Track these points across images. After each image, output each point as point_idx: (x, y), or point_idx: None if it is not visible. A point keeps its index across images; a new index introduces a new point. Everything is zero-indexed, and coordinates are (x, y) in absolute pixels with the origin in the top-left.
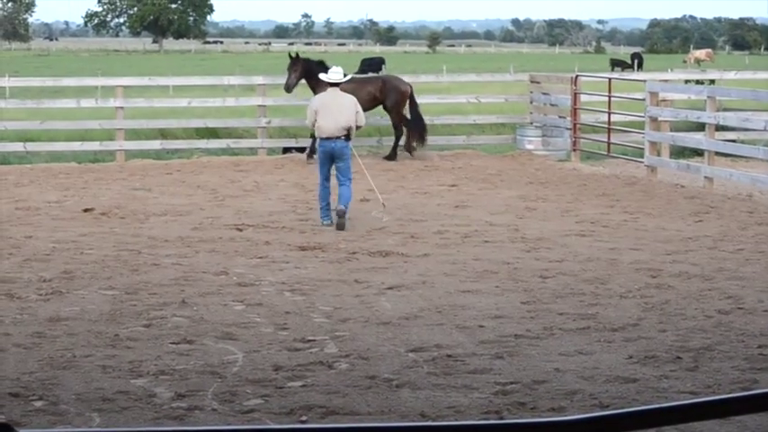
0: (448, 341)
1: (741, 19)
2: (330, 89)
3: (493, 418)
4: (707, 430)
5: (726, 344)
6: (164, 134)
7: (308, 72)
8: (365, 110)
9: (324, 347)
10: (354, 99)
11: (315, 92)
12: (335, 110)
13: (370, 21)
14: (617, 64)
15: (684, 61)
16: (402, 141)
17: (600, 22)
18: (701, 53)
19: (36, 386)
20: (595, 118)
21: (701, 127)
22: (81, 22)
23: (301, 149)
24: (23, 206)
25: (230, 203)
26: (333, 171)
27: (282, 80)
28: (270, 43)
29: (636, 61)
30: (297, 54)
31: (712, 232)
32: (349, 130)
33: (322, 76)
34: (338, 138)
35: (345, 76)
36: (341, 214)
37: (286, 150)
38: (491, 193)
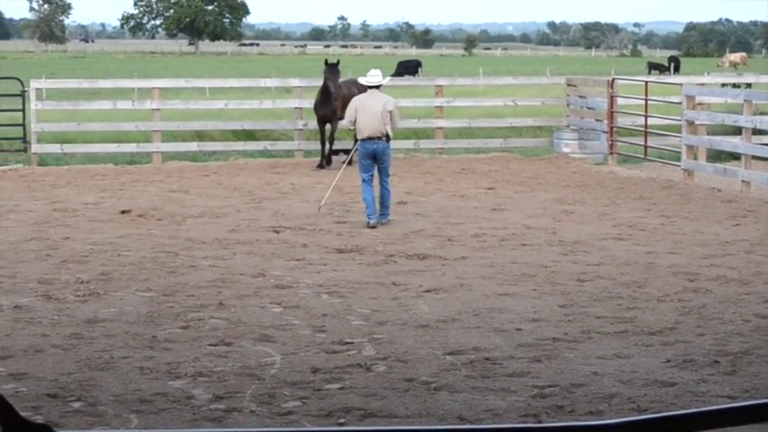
0: (485, 344)
1: None
2: (369, 90)
3: (531, 422)
4: None
5: (764, 348)
6: (200, 136)
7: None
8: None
9: (361, 350)
10: (393, 101)
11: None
12: (374, 111)
13: (407, 23)
14: (654, 67)
15: (719, 65)
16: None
17: (636, 25)
18: (735, 57)
19: (74, 387)
20: (632, 121)
21: (737, 131)
22: (117, 24)
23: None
24: (61, 208)
25: (267, 205)
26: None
27: (319, 83)
28: (306, 45)
29: (672, 64)
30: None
31: (749, 236)
32: (388, 131)
33: (361, 79)
34: (378, 138)
35: (384, 78)
36: (384, 223)
37: (336, 152)
38: (528, 196)
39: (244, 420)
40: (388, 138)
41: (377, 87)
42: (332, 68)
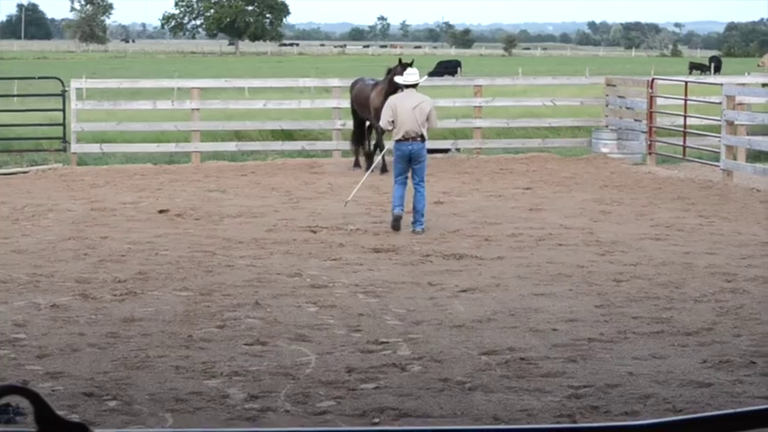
0: (521, 344)
1: None
2: (406, 90)
3: (566, 422)
4: None
5: None
6: (239, 136)
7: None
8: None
9: (397, 350)
10: (430, 101)
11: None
12: (411, 111)
13: (446, 23)
14: (696, 67)
15: (759, 65)
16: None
17: (677, 25)
18: None
19: (110, 386)
20: (671, 121)
21: None
22: (158, 24)
23: (433, 151)
24: (99, 207)
25: (304, 205)
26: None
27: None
28: (345, 46)
29: (713, 64)
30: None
31: None
32: (424, 131)
33: (398, 78)
34: (414, 139)
35: (422, 77)
36: (419, 233)
37: (446, 151)
38: (565, 196)
39: (278, 420)
40: (423, 138)
41: (413, 86)
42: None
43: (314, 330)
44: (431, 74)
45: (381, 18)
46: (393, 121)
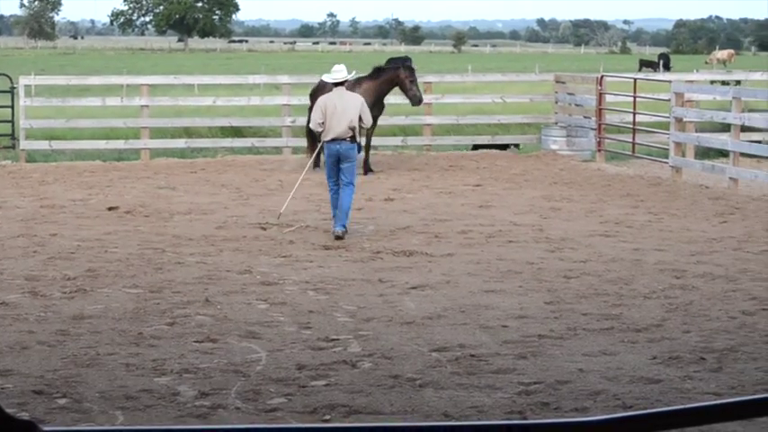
0: (471, 341)
1: (767, 19)
2: (335, 89)
3: (516, 419)
4: None
5: (750, 345)
6: (188, 133)
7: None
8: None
9: (347, 347)
10: (361, 99)
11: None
12: (341, 110)
13: (396, 20)
14: (646, 65)
15: (707, 62)
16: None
17: (626, 22)
18: (723, 54)
19: (60, 384)
20: (620, 118)
21: (726, 128)
22: (107, 20)
23: (493, 146)
24: (48, 204)
25: (254, 202)
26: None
27: (308, 79)
28: (295, 42)
29: (662, 62)
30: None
31: (737, 233)
32: (354, 130)
33: (325, 76)
34: (344, 139)
35: (350, 74)
36: (339, 237)
37: (476, 147)
38: (515, 192)
39: (229, 417)
40: (353, 139)
41: (342, 84)
42: (410, 70)
43: (264, 327)
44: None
45: (331, 15)
46: (323, 123)
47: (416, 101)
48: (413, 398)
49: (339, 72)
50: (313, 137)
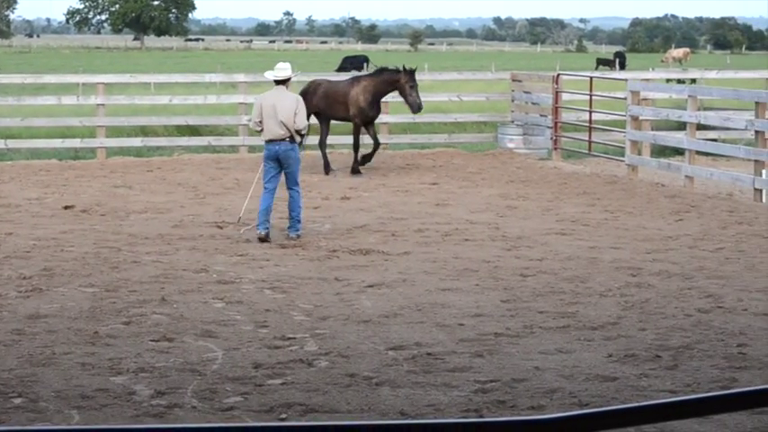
0: (428, 339)
1: (722, 18)
2: (275, 88)
3: (472, 417)
4: (686, 429)
5: (705, 342)
6: (145, 131)
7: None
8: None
9: (304, 345)
10: (298, 99)
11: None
12: (278, 110)
13: (352, 19)
14: (603, 63)
15: (662, 61)
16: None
17: (582, 20)
18: (678, 52)
19: (15, 383)
20: (576, 116)
21: (682, 126)
22: (62, 18)
23: None
24: (3, 203)
25: (211, 201)
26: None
27: (265, 78)
28: (251, 41)
29: (618, 60)
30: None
31: (692, 231)
32: (292, 132)
33: (267, 73)
34: (282, 140)
35: (293, 72)
36: (294, 239)
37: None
38: (472, 191)
39: (185, 416)
40: (292, 139)
41: (283, 83)
42: (410, 74)
43: (221, 326)
44: (337, 69)
45: (287, 13)
46: (260, 122)
47: (416, 108)
48: (369, 396)
49: (282, 70)
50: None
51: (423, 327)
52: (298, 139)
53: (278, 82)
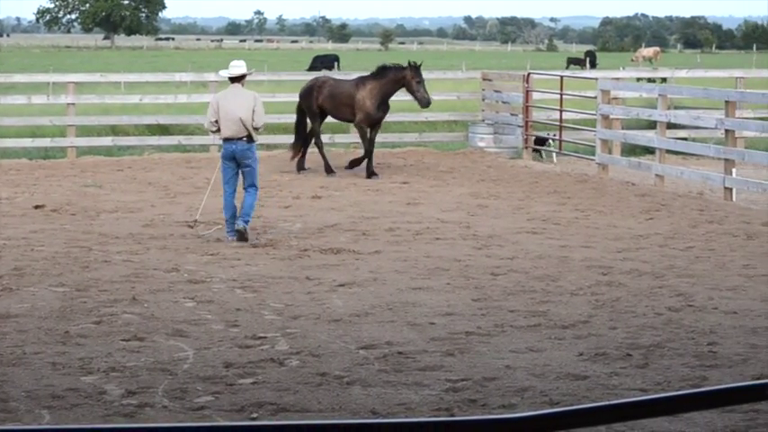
0: (399, 338)
1: (693, 17)
2: (231, 86)
3: (443, 416)
4: (656, 427)
5: (676, 341)
6: (115, 131)
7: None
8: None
9: (275, 344)
10: (256, 96)
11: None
12: (235, 108)
13: (323, 18)
14: (574, 62)
15: (633, 60)
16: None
17: (552, 20)
18: (648, 51)
19: None
20: (547, 115)
21: (652, 125)
22: (32, 18)
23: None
24: None
25: (181, 200)
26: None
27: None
28: (222, 40)
29: (588, 59)
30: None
31: (663, 230)
32: (250, 130)
33: (222, 71)
34: (239, 139)
35: (249, 70)
36: (241, 235)
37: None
38: (443, 190)
39: (156, 416)
40: (250, 138)
41: (239, 81)
42: (416, 71)
43: (191, 326)
44: (308, 69)
45: (258, 12)
46: (216, 121)
47: (425, 102)
48: (340, 395)
49: (236, 67)
50: (301, 137)
51: (394, 326)
52: (256, 137)
53: (233, 80)
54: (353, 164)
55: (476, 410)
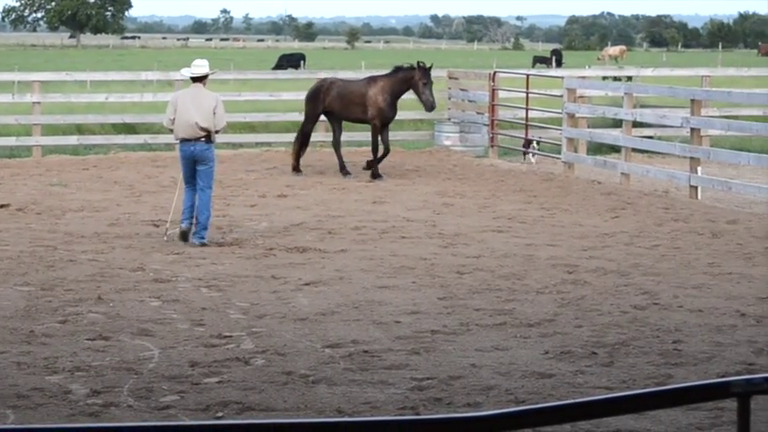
0: (364, 337)
1: (659, 16)
2: (192, 85)
3: (409, 414)
4: (622, 425)
5: (641, 339)
6: (81, 130)
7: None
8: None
9: (240, 343)
10: (217, 97)
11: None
12: (193, 108)
13: (289, 16)
14: (540, 61)
15: (598, 58)
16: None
17: (518, 18)
18: (614, 50)
19: None
20: (513, 114)
21: (618, 123)
22: None
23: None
24: None
25: (147, 199)
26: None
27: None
28: (188, 39)
29: (555, 58)
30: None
31: (628, 228)
32: (209, 131)
33: (183, 70)
34: (198, 140)
35: (211, 69)
36: (184, 235)
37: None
38: (409, 188)
39: (121, 415)
40: (208, 139)
41: (201, 80)
42: (426, 72)
43: (157, 325)
44: (274, 67)
45: (224, 11)
46: (173, 120)
47: (428, 106)
48: (306, 394)
49: (198, 67)
50: (301, 140)
51: (359, 324)
52: (215, 138)
53: (195, 79)
54: (371, 165)
55: (441, 409)
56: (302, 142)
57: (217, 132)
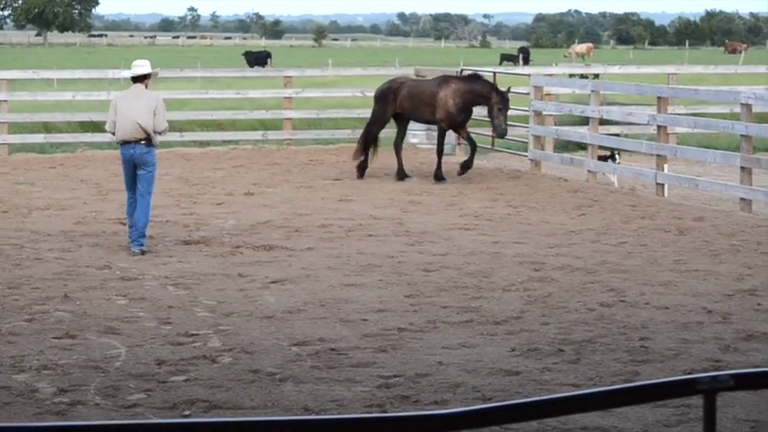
0: (331, 335)
1: (626, 14)
2: (133, 86)
3: (376, 412)
4: (589, 422)
5: (608, 336)
6: (48, 128)
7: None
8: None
9: (207, 342)
10: (158, 98)
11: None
12: (133, 110)
13: (256, 14)
14: (507, 58)
15: (565, 56)
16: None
17: (485, 16)
18: (581, 47)
19: None
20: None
21: (584, 121)
22: None
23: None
24: None
25: (114, 197)
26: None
27: (167, 74)
28: (155, 36)
29: (522, 55)
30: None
31: (595, 225)
32: (149, 133)
33: (125, 71)
34: (137, 142)
35: (154, 69)
36: (137, 254)
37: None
38: (375, 186)
39: (88, 413)
40: (149, 142)
41: (142, 81)
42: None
43: (124, 323)
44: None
45: (191, 9)
46: (115, 123)
47: (500, 132)
48: (273, 392)
49: (139, 67)
50: (366, 141)
51: (326, 322)
52: (156, 141)
53: (135, 80)
54: (465, 167)
55: (408, 406)
56: (370, 144)
57: (159, 134)
